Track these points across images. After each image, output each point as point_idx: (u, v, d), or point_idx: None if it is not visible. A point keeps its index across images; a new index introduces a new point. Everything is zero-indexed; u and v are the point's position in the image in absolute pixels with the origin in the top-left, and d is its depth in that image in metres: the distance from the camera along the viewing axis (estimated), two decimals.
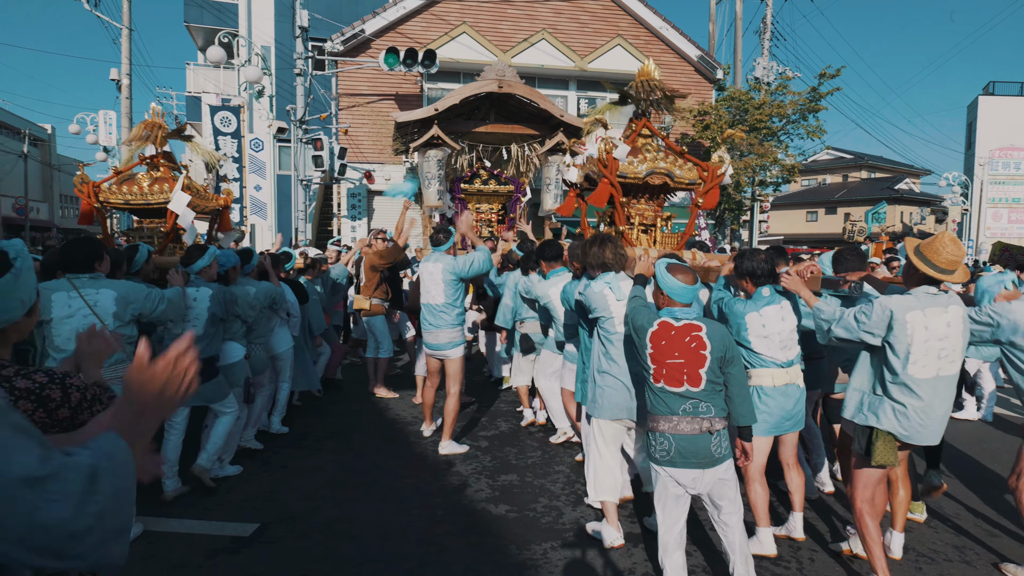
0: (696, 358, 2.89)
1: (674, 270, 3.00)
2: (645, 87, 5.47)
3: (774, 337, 3.54)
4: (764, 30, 19.64)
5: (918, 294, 3.01)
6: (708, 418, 2.90)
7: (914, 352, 2.94)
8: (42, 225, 31.29)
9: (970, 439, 6.03)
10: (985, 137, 29.51)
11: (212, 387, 4.51)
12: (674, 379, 2.90)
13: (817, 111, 16.00)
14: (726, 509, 3.06)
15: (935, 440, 3.08)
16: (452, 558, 3.63)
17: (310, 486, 4.64)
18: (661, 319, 2.97)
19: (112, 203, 5.72)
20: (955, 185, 28.05)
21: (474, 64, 14.97)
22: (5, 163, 28.85)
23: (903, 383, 2.99)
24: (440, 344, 5.37)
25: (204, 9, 20.20)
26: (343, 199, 15.32)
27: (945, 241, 2.94)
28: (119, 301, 3.64)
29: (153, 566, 3.50)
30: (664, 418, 2.94)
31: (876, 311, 2.99)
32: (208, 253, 4.48)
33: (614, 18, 16.46)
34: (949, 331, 2.97)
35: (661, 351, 2.93)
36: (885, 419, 3.04)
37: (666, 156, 5.45)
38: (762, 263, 3.62)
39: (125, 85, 16.61)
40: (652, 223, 5.62)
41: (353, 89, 15.26)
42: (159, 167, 5.82)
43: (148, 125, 5.76)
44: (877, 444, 3.05)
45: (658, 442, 2.96)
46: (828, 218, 40.72)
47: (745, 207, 17.41)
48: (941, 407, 3.04)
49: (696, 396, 2.90)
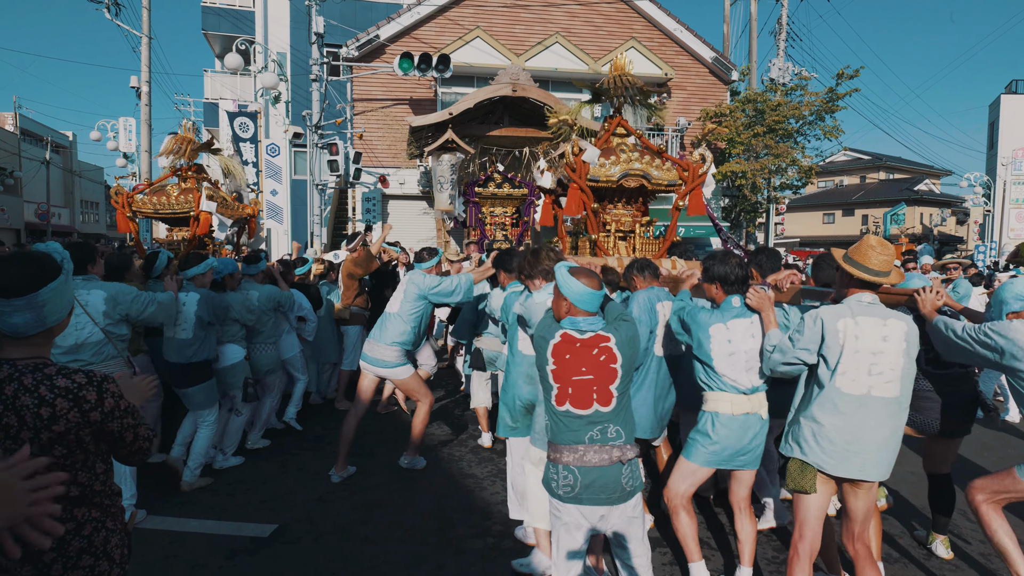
0: (606, 373, 2.49)
1: (577, 273, 2.56)
2: (618, 82, 5.11)
3: (740, 355, 3.08)
4: (779, 31, 19.52)
5: (850, 302, 2.76)
6: (619, 445, 2.51)
7: (843, 362, 2.67)
8: (63, 230, 31.79)
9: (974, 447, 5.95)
10: (1008, 136, 29.07)
11: (202, 392, 4.60)
12: (581, 400, 2.48)
13: (834, 111, 15.85)
14: (635, 551, 2.65)
15: (872, 475, 2.69)
16: (469, 560, 3.64)
17: (327, 488, 4.67)
18: (562, 330, 2.53)
19: (143, 212, 6.17)
20: (977, 185, 27.61)
21: (488, 68, 15.02)
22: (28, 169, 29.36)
23: (827, 397, 2.71)
24: (374, 358, 4.68)
25: (221, 17, 20.47)
26: (358, 203, 15.42)
27: (872, 243, 2.76)
28: (108, 301, 3.80)
29: (174, 565, 3.55)
30: (568, 448, 2.50)
31: (807, 324, 2.76)
32: (204, 263, 4.67)
33: (628, 20, 16.45)
34: (884, 346, 2.67)
35: (565, 367, 2.50)
36: (806, 447, 2.76)
37: (642, 156, 5.07)
38: (735, 268, 3.15)
39: (145, 92, 16.83)
40: (630, 229, 5.27)
41: (368, 94, 15.37)
42: (187, 178, 6.26)
43: (179, 140, 6.18)
44: (789, 468, 2.81)
45: (561, 476, 2.52)
46: (845, 220, 40.35)
47: (761, 209, 17.29)
48: (875, 433, 2.68)
49: (605, 419, 2.50)
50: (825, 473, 2.75)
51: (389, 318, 4.70)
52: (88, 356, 3.65)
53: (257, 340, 5.30)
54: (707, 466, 3.20)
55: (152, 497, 4.32)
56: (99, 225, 40.45)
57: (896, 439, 2.75)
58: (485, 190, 12.52)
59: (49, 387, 1.61)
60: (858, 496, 2.80)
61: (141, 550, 3.63)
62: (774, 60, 17.57)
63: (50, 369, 1.65)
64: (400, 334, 4.64)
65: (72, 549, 1.65)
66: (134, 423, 1.77)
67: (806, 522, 2.82)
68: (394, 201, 15.65)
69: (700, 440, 3.19)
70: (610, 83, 5.12)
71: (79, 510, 1.68)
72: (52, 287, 1.65)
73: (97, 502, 1.73)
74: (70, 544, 1.65)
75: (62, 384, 1.62)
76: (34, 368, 1.63)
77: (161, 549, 3.71)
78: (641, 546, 2.66)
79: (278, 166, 16.20)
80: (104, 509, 1.75)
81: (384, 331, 4.68)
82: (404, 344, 4.67)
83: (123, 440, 1.75)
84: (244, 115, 16.24)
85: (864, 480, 2.73)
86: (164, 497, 4.43)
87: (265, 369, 5.39)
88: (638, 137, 5.31)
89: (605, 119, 5.39)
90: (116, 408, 1.70)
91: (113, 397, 1.70)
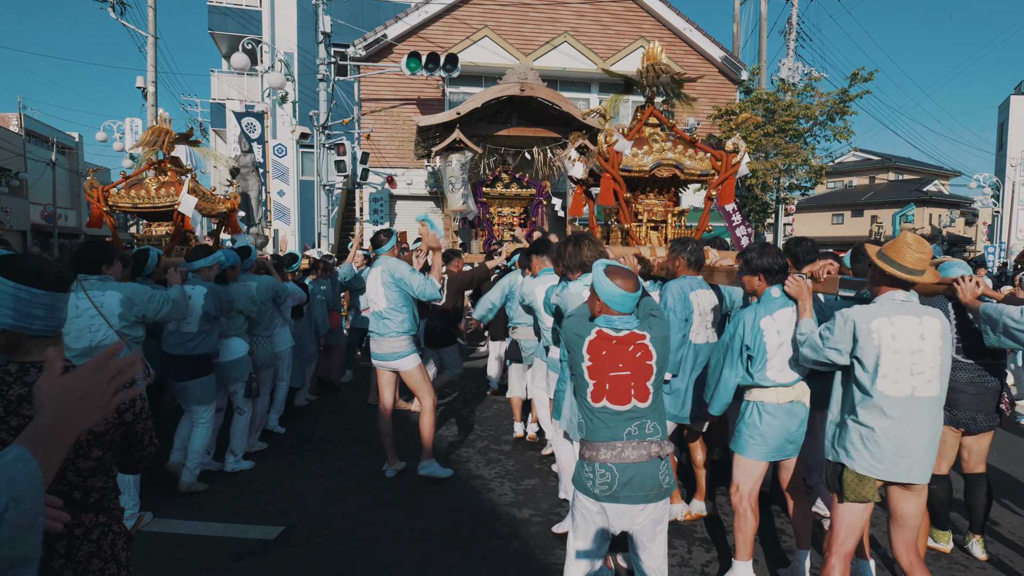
0: (643, 369, 2.50)
1: (613, 273, 2.52)
2: (651, 72, 5.07)
3: (787, 346, 3.14)
4: (789, 30, 19.41)
5: (883, 301, 2.72)
6: (656, 441, 2.50)
7: (883, 364, 2.62)
8: (70, 232, 31.84)
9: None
10: (1017, 137, 28.85)
11: (202, 385, 4.54)
12: (619, 396, 2.47)
13: (846, 113, 15.69)
14: (656, 553, 2.60)
15: (919, 477, 2.67)
16: (477, 562, 3.59)
17: (335, 489, 4.62)
18: (597, 327, 2.52)
19: (121, 207, 5.86)
20: (986, 186, 27.42)
21: (496, 68, 14.97)
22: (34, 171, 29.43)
23: (872, 402, 2.65)
24: (384, 354, 4.80)
25: (228, 17, 20.47)
26: (365, 203, 15.39)
27: (908, 240, 2.69)
28: (124, 303, 3.72)
29: (180, 568, 3.50)
30: (606, 445, 2.48)
31: (838, 324, 2.73)
32: (212, 256, 4.61)
33: (637, 20, 16.38)
34: (923, 344, 2.63)
35: (601, 363, 2.49)
36: (854, 452, 2.69)
37: (675, 146, 5.06)
38: (777, 258, 3.24)
39: (151, 92, 16.85)
40: (662, 219, 5.26)
41: (375, 94, 15.34)
42: (166, 171, 5.94)
43: (155, 131, 5.87)
44: (846, 480, 2.73)
45: (598, 474, 2.48)
46: (854, 220, 40.16)
47: (770, 209, 17.18)
48: (922, 435, 2.64)
49: (643, 414, 2.49)
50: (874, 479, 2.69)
51: (383, 314, 4.77)
52: None
53: (254, 333, 5.25)
54: (764, 459, 3.23)
55: (157, 499, 4.28)
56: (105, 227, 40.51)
57: (938, 439, 2.71)
58: (493, 190, 12.47)
59: None
60: (909, 500, 2.76)
61: (146, 553, 3.59)
62: (784, 60, 17.45)
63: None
64: (400, 323, 4.74)
65: (82, 554, 1.62)
66: (151, 427, 1.79)
67: (852, 531, 2.76)
68: (401, 201, 15.61)
69: (749, 433, 3.23)
70: (643, 73, 5.08)
71: (87, 515, 1.65)
72: None
73: (105, 506, 1.71)
74: (80, 549, 1.62)
75: None
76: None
77: (167, 552, 3.66)
78: (662, 548, 2.63)
79: (285, 167, 16.20)
80: (110, 512, 1.73)
81: (385, 326, 4.76)
82: (409, 331, 4.78)
83: (141, 443, 1.76)
84: (251, 115, 16.24)
85: (914, 483, 2.68)
86: (170, 499, 4.38)
87: (261, 363, 5.33)
88: (670, 127, 5.26)
89: (637, 109, 5.32)
90: (144, 410, 1.74)
91: (141, 399, 1.73)
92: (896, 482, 2.69)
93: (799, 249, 3.93)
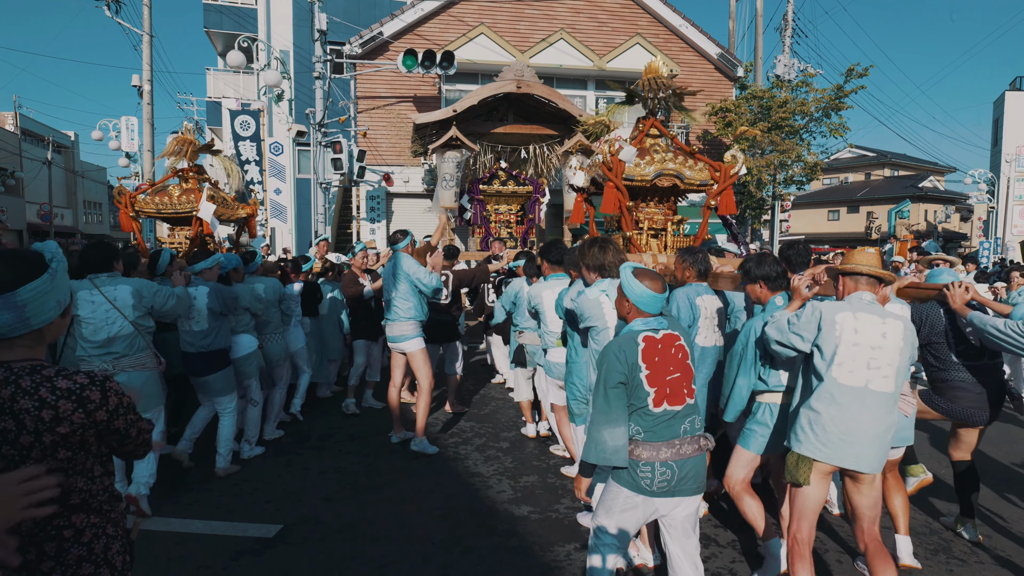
0: (687, 368, 2.60)
1: (641, 275, 2.59)
2: (652, 85, 5.26)
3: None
4: (785, 27, 19.42)
5: (851, 299, 2.83)
6: (703, 435, 2.63)
7: (840, 354, 2.71)
8: (66, 231, 31.76)
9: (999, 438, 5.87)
10: (1012, 133, 28.88)
11: (221, 378, 4.79)
12: (677, 397, 2.55)
13: (841, 109, 15.68)
14: (695, 542, 2.73)
15: (866, 467, 2.71)
16: (476, 559, 3.59)
17: (333, 487, 4.63)
18: (642, 334, 2.56)
19: (146, 212, 6.35)
20: (981, 182, 27.46)
21: (492, 65, 14.95)
22: (29, 170, 29.33)
23: (824, 387, 2.74)
24: (395, 336, 5.32)
25: (223, 15, 20.39)
26: (362, 201, 15.37)
27: (863, 250, 2.91)
28: (135, 295, 3.98)
29: (178, 567, 3.50)
30: (666, 444, 2.54)
31: (806, 312, 2.83)
32: (211, 258, 4.85)
33: (633, 17, 16.37)
34: (884, 342, 2.71)
35: (657, 369, 2.53)
36: (801, 435, 2.77)
37: (675, 157, 5.22)
38: (774, 265, 3.38)
39: (147, 91, 16.78)
40: (662, 227, 5.41)
41: (371, 92, 15.31)
42: (188, 179, 6.41)
43: (180, 140, 6.33)
44: (788, 463, 2.83)
45: (658, 473, 2.53)
46: (850, 217, 40.18)
47: (766, 206, 17.20)
48: (871, 427, 2.70)
49: (693, 411, 2.62)
50: (820, 463, 2.76)
51: (395, 300, 5.27)
52: (121, 349, 3.88)
53: (266, 332, 5.46)
54: (763, 453, 3.34)
55: (156, 498, 4.27)
56: (102, 226, 40.42)
57: (889, 434, 2.77)
58: (490, 187, 12.46)
59: (50, 389, 1.54)
60: (860, 491, 2.84)
61: (145, 552, 3.58)
62: (780, 56, 17.44)
63: (48, 371, 1.58)
64: (408, 309, 5.25)
65: (71, 557, 1.58)
66: (136, 418, 1.75)
67: (803, 515, 2.84)
68: (398, 199, 15.60)
69: (759, 430, 3.32)
70: (644, 85, 5.26)
71: (77, 516, 1.61)
72: (32, 287, 1.57)
73: (96, 507, 1.66)
74: (69, 552, 1.58)
75: (63, 385, 1.56)
76: (31, 370, 1.56)
77: (165, 551, 3.66)
78: (696, 532, 2.76)
79: (282, 164, 16.17)
80: (104, 515, 1.68)
81: (396, 312, 5.27)
82: (415, 317, 5.28)
83: (128, 436, 1.73)
84: (247, 113, 16.20)
85: (860, 472, 2.74)
86: (168, 498, 4.38)
87: (274, 359, 5.57)
88: (671, 138, 5.45)
89: (639, 120, 5.49)
90: (120, 405, 1.67)
91: (116, 394, 1.67)
92: (844, 468, 2.76)
93: (791, 253, 4.09)
